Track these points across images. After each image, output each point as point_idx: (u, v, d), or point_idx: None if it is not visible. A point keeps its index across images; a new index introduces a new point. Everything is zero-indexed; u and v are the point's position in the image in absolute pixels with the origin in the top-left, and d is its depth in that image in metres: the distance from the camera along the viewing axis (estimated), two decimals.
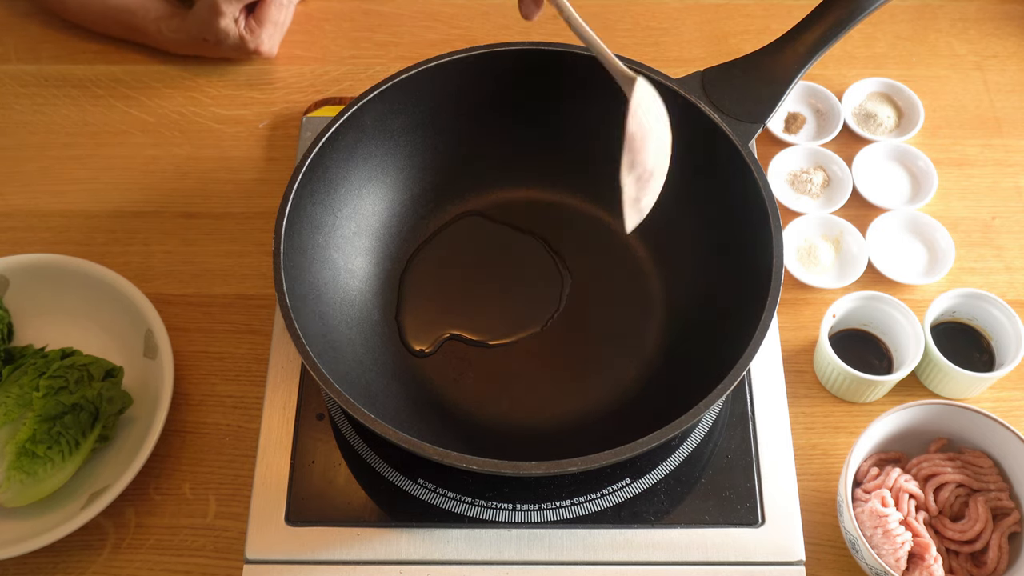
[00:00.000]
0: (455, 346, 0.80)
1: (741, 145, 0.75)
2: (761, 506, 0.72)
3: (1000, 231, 0.91)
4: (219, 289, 0.87)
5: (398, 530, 0.71)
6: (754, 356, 0.66)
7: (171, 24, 1.00)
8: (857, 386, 0.79)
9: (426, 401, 0.77)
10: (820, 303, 0.85)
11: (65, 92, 1.01)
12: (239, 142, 0.97)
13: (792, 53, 0.78)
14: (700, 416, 0.64)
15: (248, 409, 0.81)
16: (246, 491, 0.75)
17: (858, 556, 0.71)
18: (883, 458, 0.75)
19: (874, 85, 0.99)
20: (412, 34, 1.06)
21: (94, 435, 0.75)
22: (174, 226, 0.91)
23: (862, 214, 0.90)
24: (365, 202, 0.83)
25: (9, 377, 0.77)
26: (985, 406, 0.79)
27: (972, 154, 0.96)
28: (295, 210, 0.73)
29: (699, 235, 0.81)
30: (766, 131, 0.95)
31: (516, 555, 0.70)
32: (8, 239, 0.90)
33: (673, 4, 1.08)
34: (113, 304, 0.82)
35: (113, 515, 0.76)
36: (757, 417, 0.76)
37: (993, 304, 0.82)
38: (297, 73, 1.02)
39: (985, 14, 1.07)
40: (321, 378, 0.65)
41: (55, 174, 0.95)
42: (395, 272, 0.84)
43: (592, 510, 0.72)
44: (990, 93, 1.01)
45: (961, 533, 0.72)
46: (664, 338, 0.80)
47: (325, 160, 0.77)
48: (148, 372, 0.80)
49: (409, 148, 0.84)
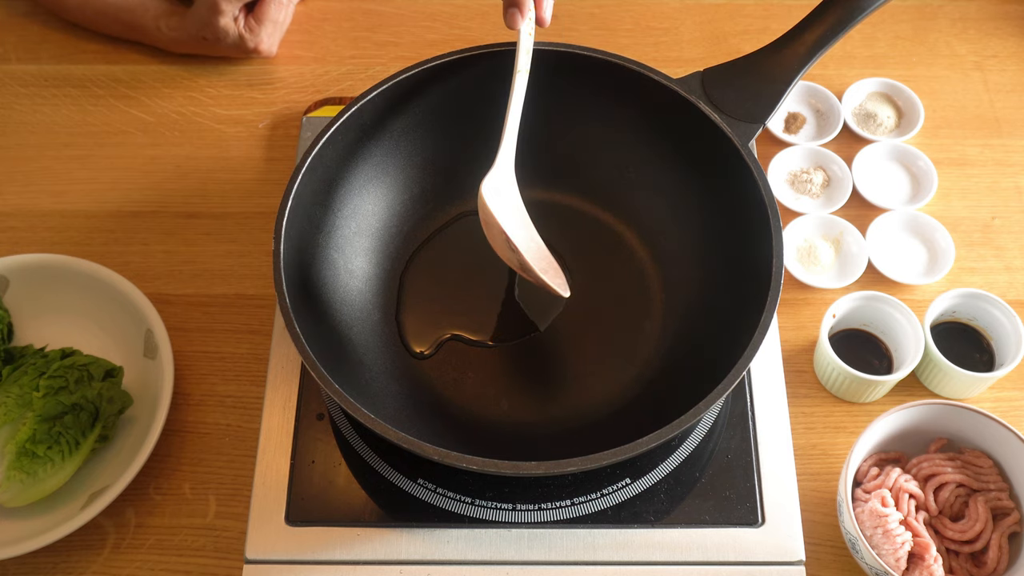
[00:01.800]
0: (455, 346, 0.80)
1: (741, 145, 0.75)
2: (761, 506, 0.72)
3: (1000, 231, 0.91)
4: (219, 289, 0.87)
5: (398, 530, 0.71)
6: (754, 356, 0.66)
7: (170, 22, 1.00)
8: (857, 386, 0.79)
9: (426, 401, 0.77)
10: (820, 303, 0.85)
11: (65, 92, 1.01)
12: (239, 142, 0.97)
13: (792, 53, 0.78)
14: (700, 416, 0.64)
15: (248, 409, 0.81)
16: (246, 491, 0.75)
17: (858, 556, 0.71)
18: (883, 458, 0.75)
19: (874, 85, 0.99)
20: (412, 34, 1.06)
21: (94, 435, 0.75)
22: (174, 226, 0.91)
23: (862, 214, 0.90)
24: (365, 202, 0.83)
25: (9, 377, 0.77)
26: (985, 406, 0.79)
27: (972, 154, 0.96)
28: (295, 210, 0.73)
29: (699, 235, 0.81)
30: (766, 131, 0.95)
31: (516, 555, 0.70)
32: (8, 239, 0.90)
33: (673, 4, 1.08)
34: (113, 304, 0.82)
35: (113, 515, 0.76)
36: (757, 417, 0.76)
37: (993, 304, 0.82)
38: (297, 73, 1.02)
39: (985, 14, 1.07)
40: (321, 378, 0.65)
41: (55, 174, 0.95)
42: (395, 272, 0.84)
43: (592, 510, 0.72)
44: (990, 93, 1.01)
45: (961, 533, 0.72)
46: (664, 338, 0.80)
47: (325, 160, 0.77)
48: (148, 372, 0.80)
49: (409, 148, 0.84)
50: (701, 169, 0.79)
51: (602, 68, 0.80)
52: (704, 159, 0.78)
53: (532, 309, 0.82)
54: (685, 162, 0.81)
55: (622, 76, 0.79)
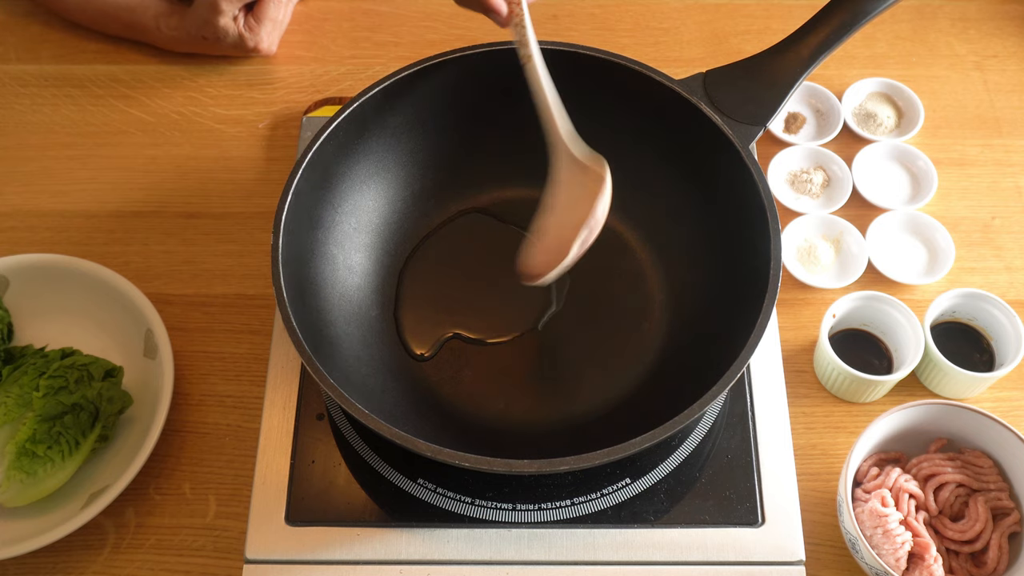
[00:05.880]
0: (453, 344, 0.80)
1: (742, 147, 0.75)
2: (761, 506, 0.72)
3: (1000, 231, 0.91)
4: (219, 289, 0.87)
5: (398, 530, 0.71)
6: (750, 357, 0.66)
7: (170, 22, 1.00)
8: (857, 386, 0.79)
9: (424, 399, 0.77)
10: (820, 303, 0.85)
11: (65, 92, 1.01)
12: (239, 142, 0.97)
13: (795, 56, 0.78)
14: (695, 417, 0.64)
15: (248, 409, 0.81)
16: (246, 491, 0.75)
17: (858, 556, 0.71)
18: (883, 458, 0.75)
19: (874, 85, 0.99)
20: (412, 34, 1.06)
21: (94, 435, 0.75)
22: (174, 226, 0.91)
23: (862, 214, 0.90)
24: (365, 198, 0.83)
25: (9, 377, 0.77)
26: (985, 406, 0.79)
27: (972, 154, 0.96)
28: (295, 204, 0.73)
29: (698, 235, 0.81)
30: (766, 131, 0.95)
31: (516, 555, 0.70)
32: (8, 239, 0.90)
33: (673, 4, 1.08)
34: (113, 304, 0.82)
35: (113, 515, 0.76)
36: (757, 417, 0.76)
37: (993, 304, 0.82)
38: (297, 73, 1.02)
39: (985, 14, 1.07)
40: (316, 372, 0.65)
41: (55, 174, 0.95)
42: (394, 268, 0.84)
43: (592, 510, 0.72)
44: (990, 93, 1.01)
45: (961, 533, 0.72)
46: (662, 338, 0.80)
47: (326, 156, 0.77)
48: (148, 372, 0.80)
49: (410, 145, 0.84)
50: (701, 170, 0.79)
51: (603, 68, 0.80)
52: (704, 160, 0.78)
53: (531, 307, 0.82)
54: (685, 163, 0.81)
55: (623, 76, 0.79)
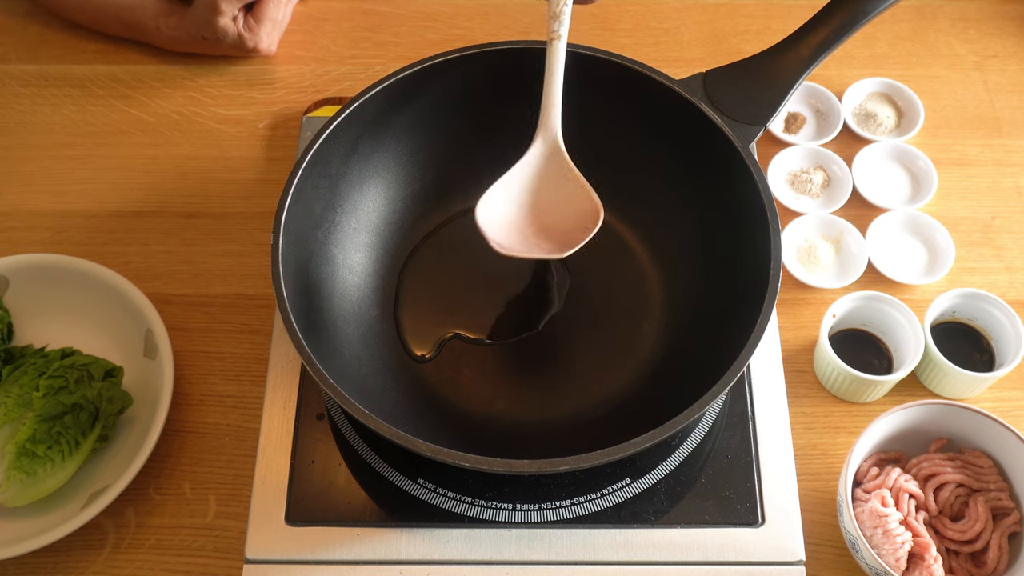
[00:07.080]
0: (453, 344, 0.80)
1: (742, 147, 0.75)
2: (761, 506, 0.72)
3: (1000, 231, 0.91)
4: (219, 289, 0.87)
5: (398, 530, 0.71)
6: (750, 357, 0.66)
7: (170, 22, 1.00)
8: (857, 386, 0.79)
9: (423, 399, 0.77)
10: (820, 303, 0.85)
11: (65, 92, 1.01)
12: (239, 142, 0.97)
13: (795, 56, 0.78)
14: (695, 417, 0.64)
15: (248, 409, 0.81)
16: (246, 491, 0.75)
17: (858, 556, 0.71)
18: (883, 458, 0.75)
19: (874, 85, 0.99)
20: (412, 34, 1.06)
21: (94, 435, 0.75)
22: (174, 226, 0.91)
23: (862, 214, 0.90)
24: (366, 198, 0.83)
25: (9, 377, 0.77)
26: (985, 406, 0.79)
27: (972, 154, 0.96)
28: (295, 204, 0.73)
29: (698, 235, 0.81)
30: (766, 131, 0.95)
31: (516, 555, 0.70)
32: (8, 239, 0.90)
33: (673, 4, 1.08)
34: (113, 304, 0.82)
35: (113, 515, 0.76)
36: (757, 417, 0.76)
37: (993, 304, 0.82)
38: (297, 73, 1.02)
39: (985, 14, 1.07)
40: (316, 372, 0.65)
41: (55, 174, 0.95)
42: (394, 268, 0.84)
43: (592, 510, 0.72)
44: (990, 93, 1.01)
45: (961, 533, 0.72)
46: (662, 338, 0.80)
47: (326, 155, 0.77)
48: (148, 372, 0.80)
49: (410, 145, 0.84)
50: (701, 170, 0.79)
51: (603, 68, 0.80)
52: (704, 160, 0.78)
53: (530, 307, 0.82)
54: (685, 163, 0.81)
55: (623, 76, 0.79)
